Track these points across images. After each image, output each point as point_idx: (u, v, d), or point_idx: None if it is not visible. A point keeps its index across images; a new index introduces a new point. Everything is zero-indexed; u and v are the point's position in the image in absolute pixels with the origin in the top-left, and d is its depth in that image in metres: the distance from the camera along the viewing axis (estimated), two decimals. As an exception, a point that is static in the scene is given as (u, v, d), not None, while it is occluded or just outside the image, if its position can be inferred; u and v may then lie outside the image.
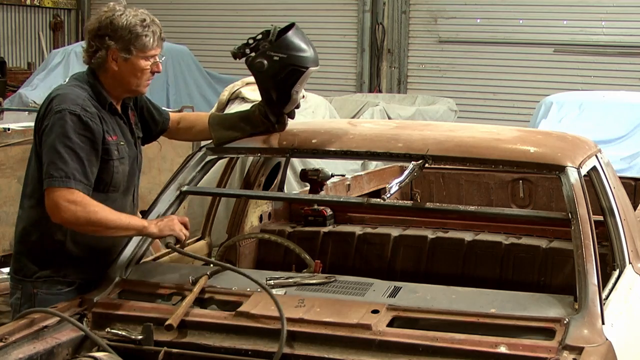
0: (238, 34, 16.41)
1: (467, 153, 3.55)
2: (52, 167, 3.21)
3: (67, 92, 3.35)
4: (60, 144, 3.23)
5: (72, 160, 3.23)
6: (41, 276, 3.41)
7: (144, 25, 3.40)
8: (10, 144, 6.10)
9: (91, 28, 3.43)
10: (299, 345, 3.02)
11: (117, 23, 3.37)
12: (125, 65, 3.42)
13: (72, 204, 3.20)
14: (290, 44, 3.58)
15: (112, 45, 3.38)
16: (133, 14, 3.41)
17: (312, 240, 4.55)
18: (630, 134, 8.95)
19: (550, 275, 4.15)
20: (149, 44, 3.42)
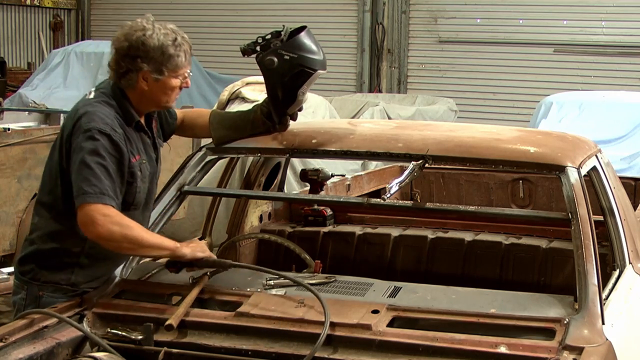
0: (238, 34, 16.47)
1: (467, 153, 3.55)
2: (86, 184, 3.17)
3: (96, 110, 3.29)
4: (93, 161, 3.19)
5: (104, 177, 3.20)
6: (49, 281, 3.41)
7: (175, 44, 3.35)
8: (10, 144, 6.10)
9: (120, 47, 3.35)
10: (299, 346, 3.02)
11: (149, 44, 3.31)
12: (156, 85, 3.38)
13: (107, 217, 3.15)
14: (301, 44, 3.59)
15: (144, 67, 3.33)
16: (163, 32, 3.34)
17: (312, 240, 4.55)
18: (630, 134, 8.95)
19: (550, 275, 4.15)
20: (181, 63, 3.38)
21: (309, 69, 3.60)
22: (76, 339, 3.15)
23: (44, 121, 9.05)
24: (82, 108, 3.33)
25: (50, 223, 3.41)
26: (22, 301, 3.44)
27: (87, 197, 3.16)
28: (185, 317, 3.17)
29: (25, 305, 3.41)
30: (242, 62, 3.64)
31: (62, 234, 3.37)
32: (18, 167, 6.15)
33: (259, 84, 8.07)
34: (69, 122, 3.34)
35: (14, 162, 6.13)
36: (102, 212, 3.15)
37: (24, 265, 3.47)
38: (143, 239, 3.21)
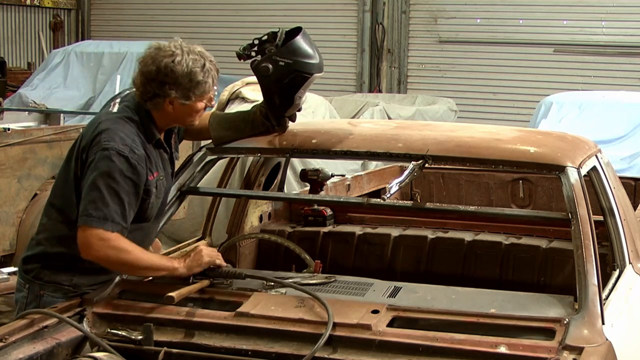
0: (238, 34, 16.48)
1: (467, 153, 3.55)
2: (92, 206, 3.19)
3: (117, 128, 3.27)
4: (104, 184, 3.20)
5: (113, 202, 3.20)
6: (51, 281, 3.41)
7: (204, 71, 3.32)
8: (10, 144, 6.10)
9: (148, 71, 3.31)
10: (299, 346, 3.02)
11: (178, 71, 3.27)
12: (182, 108, 3.37)
13: (104, 242, 3.19)
14: (297, 49, 3.56)
15: (172, 94, 3.31)
16: (192, 57, 3.31)
17: (312, 240, 4.55)
18: (630, 134, 8.95)
19: (550, 275, 4.15)
20: (208, 89, 3.37)
21: (305, 73, 3.59)
22: (76, 339, 3.15)
23: (44, 121, 9.05)
24: (104, 123, 3.31)
25: (59, 227, 3.42)
26: (24, 299, 3.46)
27: (90, 220, 3.18)
28: (186, 317, 3.17)
29: (27, 304, 3.43)
30: (242, 62, 3.63)
31: (69, 239, 3.36)
32: (18, 167, 6.15)
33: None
34: (88, 133, 3.33)
35: (14, 162, 6.13)
36: (100, 237, 3.18)
37: (28, 264, 3.47)
38: (140, 261, 3.25)
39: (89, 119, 10.46)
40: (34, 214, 6.18)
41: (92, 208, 3.18)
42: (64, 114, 9.53)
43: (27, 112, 9.58)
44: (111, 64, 12.66)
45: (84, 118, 10.79)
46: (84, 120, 10.31)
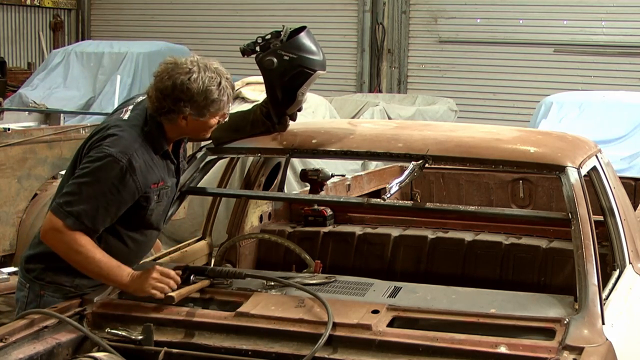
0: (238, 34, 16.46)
1: (467, 153, 3.55)
2: (66, 198, 3.22)
3: (123, 136, 3.26)
4: (86, 184, 3.21)
5: (87, 203, 3.21)
6: (53, 282, 3.42)
7: (219, 88, 3.30)
8: (10, 144, 6.09)
9: (164, 87, 3.27)
10: (299, 346, 3.02)
11: (193, 89, 3.25)
12: (196, 124, 3.36)
13: (59, 234, 3.21)
14: (301, 45, 3.58)
15: (186, 111, 3.30)
16: (208, 75, 3.27)
17: (312, 240, 4.55)
18: (630, 134, 8.95)
19: (550, 275, 4.15)
20: (223, 106, 3.36)
21: (309, 69, 3.60)
22: (76, 339, 3.15)
23: (44, 121, 9.05)
24: (113, 128, 3.31)
25: None
26: (24, 298, 3.46)
27: (57, 209, 3.22)
28: (186, 317, 3.17)
29: (27, 303, 3.43)
30: (242, 62, 3.64)
31: None
32: (18, 167, 6.15)
33: (259, 83, 8.07)
34: (96, 135, 3.34)
35: (14, 162, 6.13)
36: (57, 228, 3.21)
37: (30, 264, 3.48)
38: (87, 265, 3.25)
39: (89, 119, 10.53)
40: (34, 214, 6.18)
41: (65, 200, 3.22)
42: (64, 114, 9.52)
43: (27, 112, 9.57)
44: (111, 64, 12.67)
45: (84, 118, 10.80)
46: (84, 120, 10.32)
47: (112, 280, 3.30)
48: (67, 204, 3.21)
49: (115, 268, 3.28)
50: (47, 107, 10.21)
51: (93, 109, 11.77)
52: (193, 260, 4.02)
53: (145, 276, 3.27)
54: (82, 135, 6.61)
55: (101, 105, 11.93)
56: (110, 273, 3.27)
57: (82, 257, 3.24)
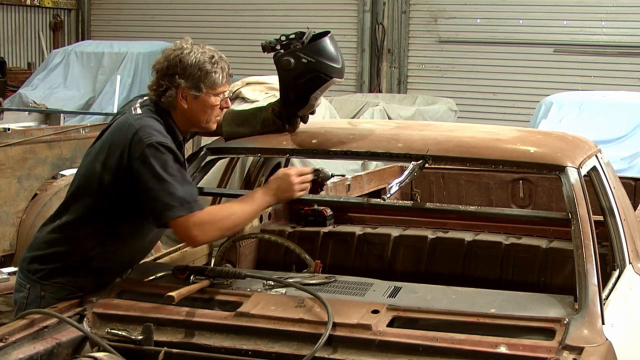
0: (238, 34, 16.47)
1: (467, 153, 3.55)
2: (168, 198, 3.21)
3: (152, 124, 3.31)
4: (165, 173, 3.22)
5: (182, 185, 3.24)
6: (58, 282, 3.42)
7: (212, 62, 3.37)
8: (10, 144, 6.10)
9: (160, 67, 3.38)
10: (299, 346, 3.02)
11: (186, 61, 3.33)
12: (196, 103, 3.39)
13: (200, 227, 3.24)
14: (321, 50, 3.56)
15: (182, 83, 3.34)
16: (201, 51, 3.38)
17: (312, 240, 4.55)
18: (630, 134, 8.95)
19: (550, 275, 4.14)
20: (218, 80, 3.39)
21: (325, 75, 3.58)
22: (76, 339, 3.16)
23: (44, 121, 9.06)
24: (136, 122, 3.32)
25: (74, 227, 3.41)
26: (24, 299, 3.46)
27: (174, 211, 3.21)
28: (186, 317, 3.17)
29: (27, 304, 3.42)
30: (242, 62, 3.65)
31: (79, 240, 3.39)
32: (18, 167, 6.15)
33: (259, 83, 8.07)
34: (120, 136, 3.32)
35: (14, 162, 6.13)
36: (193, 222, 3.23)
37: (35, 265, 3.46)
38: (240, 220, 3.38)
39: (89, 119, 10.53)
40: (34, 214, 6.18)
41: (169, 199, 3.21)
42: (64, 114, 9.53)
43: (27, 112, 9.58)
44: (111, 64, 12.68)
45: (84, 118, 10.81)
46: (84, 120, 10.33)
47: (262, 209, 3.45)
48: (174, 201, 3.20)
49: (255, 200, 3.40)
50: (47, 107, 10.22)
51: (93, 109, 11.78)
52: (193, 260, 4.02)
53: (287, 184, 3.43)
54: (82, 135, 6.61)
55: (101, 105, 11.94)
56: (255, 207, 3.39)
57: (233, 220, 3.34)
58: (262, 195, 3.42)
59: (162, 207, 3.22)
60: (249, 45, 14.72)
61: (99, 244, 3.39)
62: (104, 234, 3.39)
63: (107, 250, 3.41)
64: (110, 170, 3.32)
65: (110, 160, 3.32)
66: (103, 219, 3.38)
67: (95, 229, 3.38)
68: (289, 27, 3.68)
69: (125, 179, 3.29)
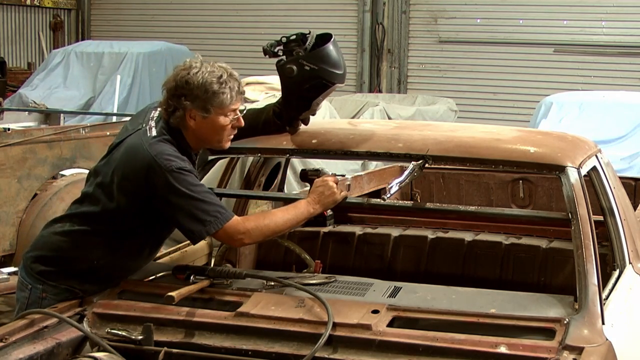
0: (238, 34, 16.45)
1: (467, 153, 3.55)
2: (204, 214, 3.24)
3: (166, 150, 3.28)
4: (194, 192, 3.24)
5: (211, 200, 3.28)
6: (63, 284, 3.41)
7: (220, 82, 3.30)
8: (10, 144, 6.10)
9: (169, 87, 3.34)
10: (299, 346, 3.02)
11: (193, 82, 3.28)
12: (204, 123, 3.36)
13: (242, 234, 3.32)
14: (324, 57, 3.55)
15: (188, 105, 3.31)
16: (209, 70, 3.31)
17: (312, 240, 4.55)
18: (630, 134, 8.95)
19: (550, 275, 4.14)
20: (226, 100, 3.33)
21: (328, 82, 3.58)
22: (76, 339, 3.16)
23: (44, 121, 9.06)
24: (151, 148, 3.27)
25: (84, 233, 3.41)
26: (25, 299, 3.46)
27: (215, 223, 3.26)
28: (186, 317, 3.17)
29: (28, 305, 3.42)
30: (242, 62, 3.65)
31: (89, 246, 3.40)
32: (18, 167, 6.15)
33: (259, 83, 8.08)
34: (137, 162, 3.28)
35: (14, 162, 6.13)
36: (237, 229, 3.30)
37: (40, 265, 3.45)
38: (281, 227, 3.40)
39: (89, 119, 10.52)
40: (34, 214, 6.18)
41: (205, 215, 3.25)
42: (64, 114, 9.53)
43: (27, 112, 9.58)
44: (111, 64, 12.66)
45: (84, 118, 10.80)
46: (84, 120, 10.32)
47: (305, 217, 3.47)
48: (209, 215, 3.25)
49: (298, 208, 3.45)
50: (47, 107, 10.22)
51: (93, 109, 11.77)
52: (193, 260, 4.02)
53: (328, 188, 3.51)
54: (82, 135, 6.61)
55: (101, 105, 11.93)
56: (297, 213, 3.43)
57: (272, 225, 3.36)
58: (306, 205, 3.45)
59: (199, 226, 3.25)
60: (249, 45, 14.73)
61: (108, 253, 3.40)
62: (114, 245, 3.40)
63: (116, 262, 3.43)
64: (127, 193, 3.31)
65: (126, 183, 3.30)
66: (115, 231, 3.39)
67: (105, 240, 3.39)
68: (289, 27, 3.68)
69: (143, 203, 3.30)
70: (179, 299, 3.19)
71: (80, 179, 6.15)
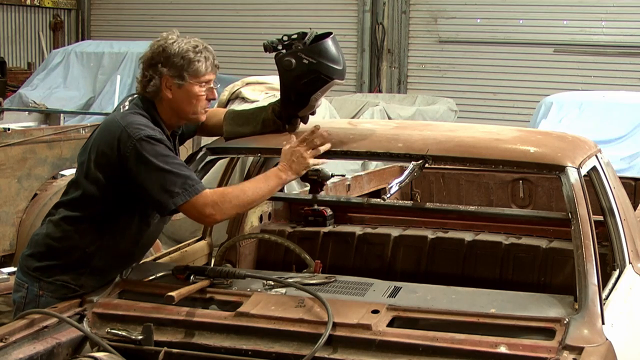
0: (238, 34, 16.45)
1: (467, 153, 3.55)
2: (171, 185, 3.23)
3: (135, 120, 3.33)
4: (163, 162, 3.24)
5: (181, 170, 3.27)
6: (58, 280, 3.42)
7: (196, 51, 3.39)
8: (10, 144, 6.10)
9: (145, 58, 3.44)
10: (299, 346, 3.02)
11: (170, 50, 3.37)
12: (179, 92, 3.41)
13: (213, 205, 3.28)
14: (323, 51, 3.55)
15: (164, 72, 3.37)
16: (185, 41, 3.41)
17: (312, 240, 4.55)
18: (630, 134, 8.95)
19: (550, 275, 4.15)
20: (201, 69, 3.40)
21: (326, 76, 3.58)
22: (76, 339, 3.16)
23: (44, 121, 9.05)
24: (122, 119, 3.35)
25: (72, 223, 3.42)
26: (22, 299, 3.46)
27: (179, 197, 3.24)
28: (186, 317, 3.17)
29: (25, 304, 3.43)
30: (242, 62, 3.64)
31: (76, 235, 3.40)
32: (18, 167, 6.15)
33: (259, 83, 8.07)
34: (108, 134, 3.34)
35: (14, 162, 6.13)
36: (204, 203, 3.26)
37: (34, 261, 3.46)
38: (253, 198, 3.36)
39: (89, 119, 10.52)
40: (34, 214, 6.18)
41: (173, 186, 3.23)
42: (64, 114, 9.52)
43: (27, 112, 9.58)
44: (111, 64, 12.67)
45: (84, 118, 10.80)
46: (84, 120, 10.32)
47: (276, 186, 3.43)
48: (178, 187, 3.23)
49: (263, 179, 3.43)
50: (47, 107, 10.22)
51: (93, 109, 11.77)
52: (193, 260, 4.02)
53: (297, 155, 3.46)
54: (82, 135, 6.61)
55: (101, 105, 11.93)
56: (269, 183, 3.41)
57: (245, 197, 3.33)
58: (276, 172, 3.44)
59: (166, 196, 3.24)
60: (249, 45, 14.73)
61: (97, 238, 3.40)
62: (101, 228, 3.40)
63: (106, 245, 3.42)
64: (102, 168, 3.34)
65: (101, 159, 3.34)
66: (98, 213, 3.39)
67: (91, 223, 3.40)
68: (290, 27, 3.67)
69: (118, 176, 3.31)
70: (179, 299, 3.19)
71: (80, 179, 6.14)
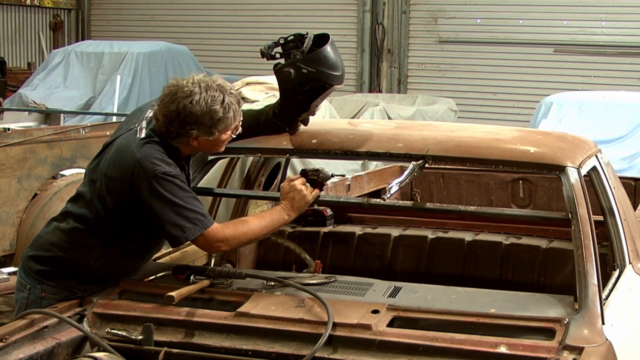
0: (238, 34, 16.45)
1: (467, 153, 3.55)
2: (184, 221, 3.25)
3: (152, 154, 3.27)
4: (177, 197, 3.24)
5: (193, 206, 3.28)
6: (62, 284, 3.42)
7: (224, 106, 3.28)
8: (10, 144, 6.10)
9: (168, 112, 3.27)
10: (299, 346, 3.02)
11: (197, 111, 3.24)
12: (207, 142, 3.37)
13: (221, 241, 3.33)
14: (322, 59, 3.54)
15: (194, 133, 3.29)
16: (210, 95, 3.26)
17: (312, 240, 4.55)
18: (630, 134, 8.95)
19: (550, 275, 4.15)
20: (231, 122, 3.34)
21: (326, 83, 3.58)
22: (76, 339, 3.16)
23: (44, 121, 9.06)
24: (138, 151, 3.28)
25: (79, 234, 3.42)
26: (24, 299, 3.46)
27: (191, 233, 3.27)
28: (186, 317, 3.17)
29: (27, 305, 3.43)
30: (242, 62, 3.64)
31: (85, 247, 3.40)
32: (18, 167, 6.15)
33: (259, 83, 8.07)
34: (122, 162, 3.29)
35: (14, 162, 6.13)
36: (214, 238, 3.31)
37: (38, 264, 3.45)
38: (258, 234, 3.42)
39: (89, 119, 10.53)
40: (34, 214, 6.18)
41: (185, 221, 3.25)
42: (64, 114, 9.53)
43: (27, 112, 9.58)
44: (111, 64, 12.67)
45: (84, 118, 10.80)
46: (84, 120, 10.32)
47: (280, 224, 3.50)
48: (189, 222, 3.25)
49: (267, 215, 3.47)
50: (47, 107, 10.22)
51: (93, 109, 11.77)
52: (193, 260, 4.02)
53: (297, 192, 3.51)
54: (82, 135, 6.61)
55: (101, 105, 11.94)
56: (273, 220, 3.45)
57: (251, 233, 3.39)
58: (280, 212, 3.47)
59: (178, 231, 3.26)
60: (249, 45, 14.72)
61: (105, 254, 3.41)
62: (110, 245, 3.40)
63: (113, 260, 3.43)
64: (114, 194, 3.32)
65: (113, 184, 3.32)
66: (109, 232, 3.39)
67: (100, 241, 3.40)
68: (289, 27, 3.67)
69: (129, 204, 3.30)
70: (179, 299, 3.19)
71: (80, 179, 6.14)
